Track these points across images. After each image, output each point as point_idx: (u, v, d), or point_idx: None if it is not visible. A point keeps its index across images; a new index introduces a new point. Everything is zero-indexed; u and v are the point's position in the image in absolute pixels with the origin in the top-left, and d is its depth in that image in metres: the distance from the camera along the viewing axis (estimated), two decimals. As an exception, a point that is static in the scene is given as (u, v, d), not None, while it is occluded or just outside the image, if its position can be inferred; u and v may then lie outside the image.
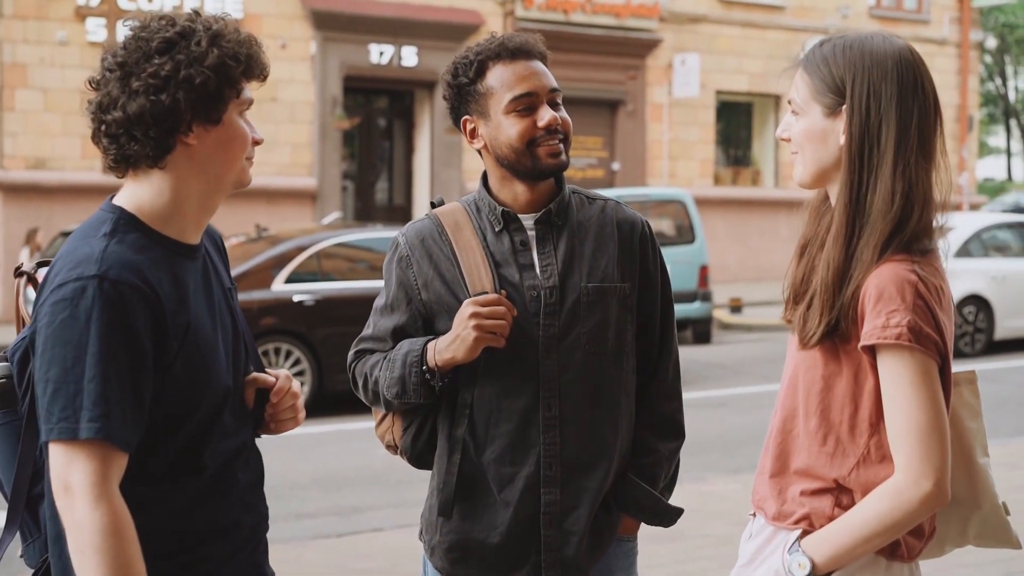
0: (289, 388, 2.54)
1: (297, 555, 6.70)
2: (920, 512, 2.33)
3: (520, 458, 2.84)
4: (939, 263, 2.42)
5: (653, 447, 2.97)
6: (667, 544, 6.10)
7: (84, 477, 2.14)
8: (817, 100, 2.45)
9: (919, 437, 2.31)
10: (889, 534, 2.35)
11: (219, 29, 2.32)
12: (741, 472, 8.75)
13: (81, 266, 2.20)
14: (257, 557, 2.53)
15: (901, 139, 2.38)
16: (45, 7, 18.95)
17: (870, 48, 2.42)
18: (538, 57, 2.90)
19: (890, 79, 2.39)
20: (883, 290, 2.32)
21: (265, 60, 2.41)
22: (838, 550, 2.36)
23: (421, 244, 2.91)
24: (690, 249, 15.46)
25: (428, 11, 21.83)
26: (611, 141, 24.23)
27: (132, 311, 2.19)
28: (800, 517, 2.44)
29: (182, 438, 2.33)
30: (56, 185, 18.76)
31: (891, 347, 2.31)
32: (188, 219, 2.37)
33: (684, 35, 24.51)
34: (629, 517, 2.98)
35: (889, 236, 2.36)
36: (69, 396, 2.14)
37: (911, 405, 2.31)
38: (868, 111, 2.38)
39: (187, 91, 2.25)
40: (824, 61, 2.45)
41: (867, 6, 26.77)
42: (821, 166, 2.47)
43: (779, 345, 16.53)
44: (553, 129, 2.83)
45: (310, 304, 11.60)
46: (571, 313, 2.85)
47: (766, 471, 2.54)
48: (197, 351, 2.31)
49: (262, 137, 2.45)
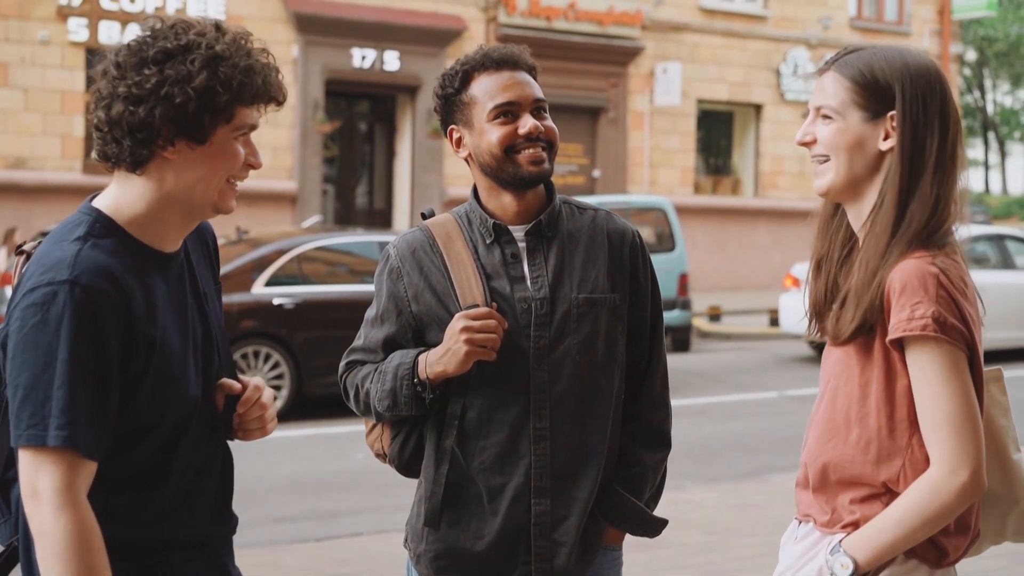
0: (257, 399, 2.50)
1: (275, 559, 6.69)
2: (958, 503, 2.34)
3: (510, 468, 2.84)
4: (958, 256, 2.46)
5: (639, 458, 2.97)
6: (644, 552, 6.10)
7: (51, 484, 2.13)
8: (856, 105, 2.47)
9: (952, 428, 2.33)
10: (929, 527, 2.36)
11: (223, 51, 2.26)
12: (718, 481, 8.77)
13: (53, 270, 2.18)
14: (220, 558, 2.51)
15: (941, 147, 2.44)
16: (27, 6, 18.88)
17: (911, 58, 2.48)
18: (524, 68, 2.90)
19: (933, 89, 2.45)
20: (906, 283, 2.35)
21: (274, 84, 2.33)
22: (879, 547, 2.38)
23: (412, 256, 2.91)
24: (670, 257, 15.52)
25: (410, 16, 21.83)
26: (592, 148, 24.25)
27: (103, 317, 2.17)
28: (849, 523, 2.46)
29: (147, 449, 2.31)
30: (35, 185, 18.69)
31: (918, 339, 2.34)
32: (167, 227, 2.34)
33: (666, 44, 24.57)
34: (613, 527, 2.98)
35: (918, 236, 2.41)
36: (38, 403, 2.13)
37: (941, 397, 2.33)
38: (918, 119, 2.43)
39: (165, 108, 2.21)
40: (867, 67, 2.47)
41: (848, 17, 26.88)
42: (855, 174, 2.49)
43: (757, 354, 16.61)
44: (534, 137, 2.83)
45: (290, 307, 11.57)
46: (562, 324, 2.85)
47: (806, 484, 2.56)
48: (165, 364, 2.29)
49: (260, 162, 2.37)
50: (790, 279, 16.05)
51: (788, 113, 25.71)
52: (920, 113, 2.43)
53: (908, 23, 27.59)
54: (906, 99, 2.43)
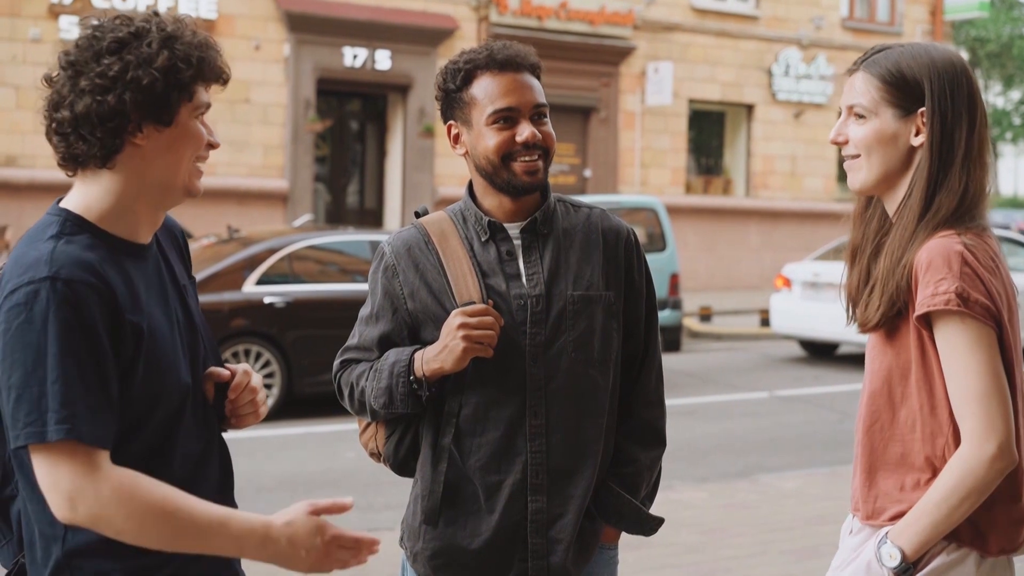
0: (247, 383, 2.52)
1: (264, 558, 6.67)
2: (989, 476, 2.37)
3: (506, 466, 2.85)
4: (988, 236, 2.51)
5: (634, 456, 2.98)
6: (634, 552, 6.11)
7: (72, 480, 2.11)
8: (889, 103, 2.54)
9: (978, 402, 2.36)
10: (967, 504, 2.39)
11: (174, 31, 2.29)
12: (708, 480, 8.77)
13: (32, 270, 2.17)
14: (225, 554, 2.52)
15: (969, 139, 2.52)
16: (18, 4, 18.84)
17: (937, 55, 2.56)
18: (528, 70, 2.88)
19: (960, 83, 2.53)
20: (931, 261, 2.41)
21: (223, 64, 2.38)
22: (922, 532, 2.42)
23: (408, 253, 2.91)
24: (661, 257, 15.52)
25: (402, 15, 21.82)
26: (583, 148, 24.26)
27: (88, 308, 2.16)
28: (895, 514, 2.50)
29: (144, 440, 2.31)
30: (27, 183, 18.65)
31: (942, 315, 2.38)
32: (138, 218, 2.34)
33: (658, 43, 24.58)
34: (609, 526, 2.99)
35: (946, 221, 2.47)
36: (34, 400, 2.12)
37: (967, 371, 2.37)
38: (946, 113, 2.51)
39: (134, 92, 2.22)
40: (895, 66, 2.55)
41: (840, 17, 26.90)
42: (888, 168, 2.57)
43: (748, 354, 16.62)
44: (532, 145, 2.83)
45: (281, 306, 11.56)
46: (557, 321, 2.86)
47: (859, 474, 2.61)
48: (154, 351, 2.29)
49: (219, 142, 2.41)
50: (781, 279, 16.06)
51: (780, 113, 25.70)
52: (948, 107, 2.51)
53: (900, 23, 27.62)
54: (935, 94, 2.51)
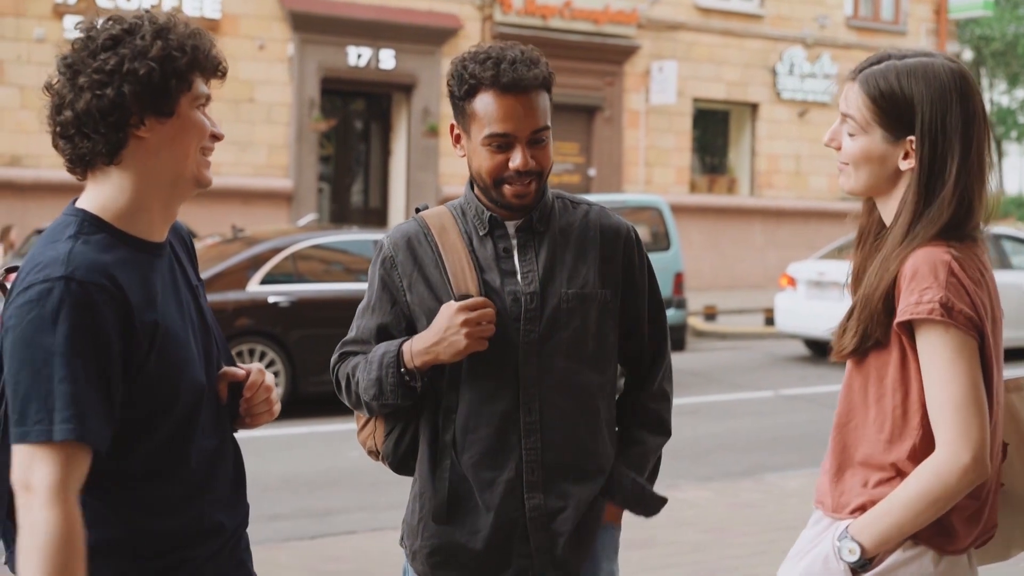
0: (262, 382, 2.54)
1: (269, 557, 6.68)
2: (959, 486, 2.36)
3: (500, 462, 2.85)
4: (979, 250, 2.49)
5: (641, 438, 3.00)
6: (637, 551, 6.11)
7: (45, 478, 2.12)
8: (879, 125, 2.49)
9: (956, 411, 2.35)
10: (933, 510, 2.38)
11: (166, 23, 2.32)
12: (712, 479, 8.77)
13: (48, 268, 2.19)
14: (240, 554, 2.54)
15: (962, 164, 2.46)
16: (23, 4, 18.87)
17: (933, 75, 2.47)
18: (534, 90, 2.84)
19: (953, 110, 2.46)
20: (917, 270, 2.39)
21: (217, 54, 2.40)
22: (885, 531, 2.41)
23: (407, 245, 2.92)
24: (665, 256, 15.51)
25: (406, 14, 21.82)
26: (588, 147, 24.26)
27: (100, 311, 2.18)
28: (857, 507, 2.49)
29: (160, 437, 2.33)
30: (31, 183, 18.67)
31: (925, 323, 2.37)
32: (152, 216, 2.36)
33: (662, 42, 24.57)
34: (612, 504, 2.99)
35: (931, 239, 2.45)
36: (41, 398, 2.13)
37: (946, 380, 2.36)
38: (936, 144, 2.46)
39: (132, 83, 2.25)
40: (889, 87, 2.48)
41: (845, 16, 26.89)
42: (876, 184, 2.54)
43: (752, 353, 16.61)
44: (524, 172, 2.82)
45: (285, 306, 11.57)
46: (551, 319, 2.86)
47: (827, 469, 2.60)
48: (169, 349, 2.31)
49: (222, 133, 2.43)
50: (785, 278, 16.05)
51: (784, 112, 25.68)
52: (939, 135, 2.45)
53: (904, 22, 27.59)
54: (924, 123, 2.46)
